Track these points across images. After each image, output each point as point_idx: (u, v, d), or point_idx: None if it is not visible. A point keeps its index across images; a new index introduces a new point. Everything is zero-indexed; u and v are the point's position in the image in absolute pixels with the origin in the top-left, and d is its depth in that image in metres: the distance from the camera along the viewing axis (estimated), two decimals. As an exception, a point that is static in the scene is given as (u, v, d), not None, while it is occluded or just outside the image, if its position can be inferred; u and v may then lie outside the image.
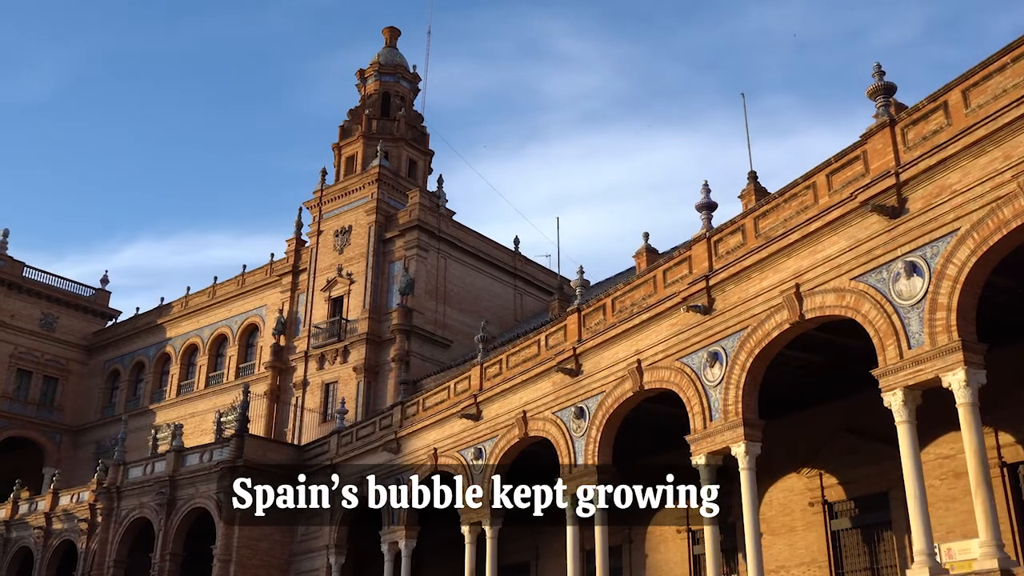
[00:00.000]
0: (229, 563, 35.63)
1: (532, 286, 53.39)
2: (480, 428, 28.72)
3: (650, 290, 22.93)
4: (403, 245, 47.67)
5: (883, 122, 17.30)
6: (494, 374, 28.62)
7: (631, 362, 22.97)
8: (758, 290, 19.66)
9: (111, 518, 40.92)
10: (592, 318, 24.88)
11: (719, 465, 20.64)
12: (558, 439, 25.31)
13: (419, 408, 32.20)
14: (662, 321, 22.21)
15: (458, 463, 29.41)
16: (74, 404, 63.00)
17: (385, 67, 54.57)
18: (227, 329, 55.90)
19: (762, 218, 19.99)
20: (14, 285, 61.54)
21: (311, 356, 48.25)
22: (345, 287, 48.39)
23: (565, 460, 24.84)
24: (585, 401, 24.57)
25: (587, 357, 24.62)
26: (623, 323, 23.24)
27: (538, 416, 26.29)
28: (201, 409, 54.84)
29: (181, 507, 38.39)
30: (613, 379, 23.62)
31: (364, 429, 35.33)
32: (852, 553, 24.04)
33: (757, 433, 19.63)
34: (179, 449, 39.84)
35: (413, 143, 53.12)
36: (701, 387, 20.80)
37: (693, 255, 21.73)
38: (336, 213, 50.70)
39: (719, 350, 20.52)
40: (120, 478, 41.29)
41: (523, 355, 27.52)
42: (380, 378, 45.78)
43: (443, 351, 46.90)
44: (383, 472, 33.41)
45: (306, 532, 36.97)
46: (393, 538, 32.00)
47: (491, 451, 27.98)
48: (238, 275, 56.70)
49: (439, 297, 47.82)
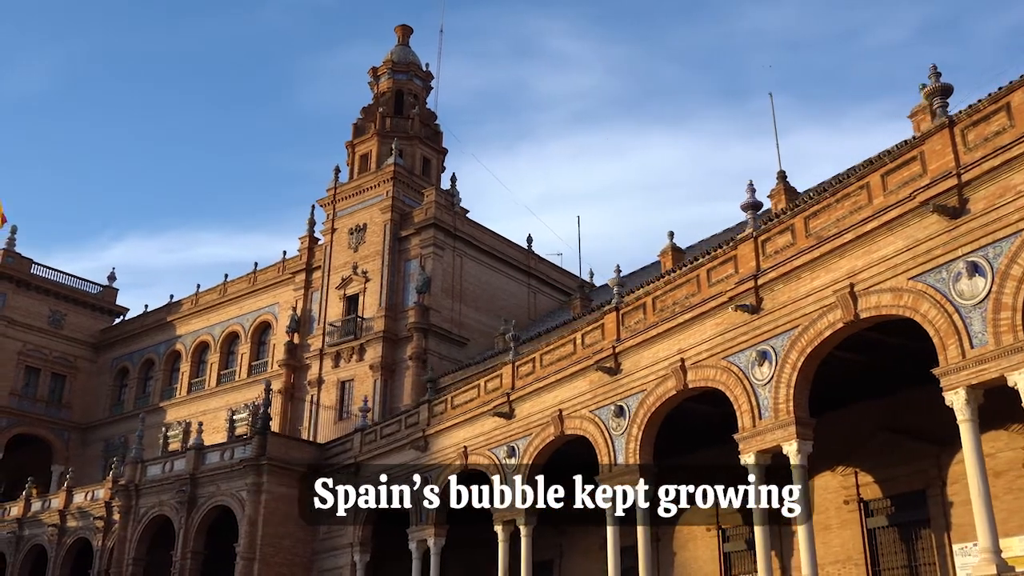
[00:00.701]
0: (253, 561, 35.60)
1: (546, 284, 53.45)
2: (513, 426, 28.75)
3: (693, 289, 23.01)
4: (419, 243, 47.66)
5: (942, 123, 17.40)
6: (527, 372, 28.65)
7: (674, 361, 23.04)
8: (809, 289, 19.75)
9: (129, 516, 40.78)
10: (631, 317, 24.94)
11: (767, 464, 20.70)
12: (596, 438, 25.37)
13: (447, 406, 32.20)
14: (706, 320, 22.29)
15: (490, 461, 29.44)
16: (82, 402, 62.79)
17: (398, 65, 54.53)
18: (239, 327, 55.80)
19: (813, 218, 20.09)
20: (22, 282, 61.29)
21: (326, 354, 48.20)
22: (360, 285, 48.35)
23: (604, 459, 24.90)
24: (625, 400, 24.64)
25: (627, 356, 24.69)
26: (665, 322, 23.31)
27: (574, 415, 26.35)
28: (213, 407, 54.72)
29: (202, 505, 38.31)
30: (654, 378, 23.70)
31: (389, 427, 35.32)
32: (889, 551, 24.12)
33: (808, 431, 19.74)
34: (199, 447, 39.74)
35: (427, 141, 53.11)
36: (749, 386, 20.89)
37: (739, 255, 21.81)
38: (351, 211, 50.64)
39: (768, 349, 20.61)
40: (138, 476, 41.15)
41: (557, 353, 27.56)
42: (397, 376, 45.78)
43: (459, 349, 46.92)
44: (409, 470, 33.29)
45: (328, 530, 36.93)
46: (421, 536, 31.99)
47: (525, 449, 28.03)
48: (249, 273, 56.60)
49: (455, 295, 47.84)
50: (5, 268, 60.58)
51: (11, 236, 62.21)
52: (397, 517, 35.79)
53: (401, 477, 33.68)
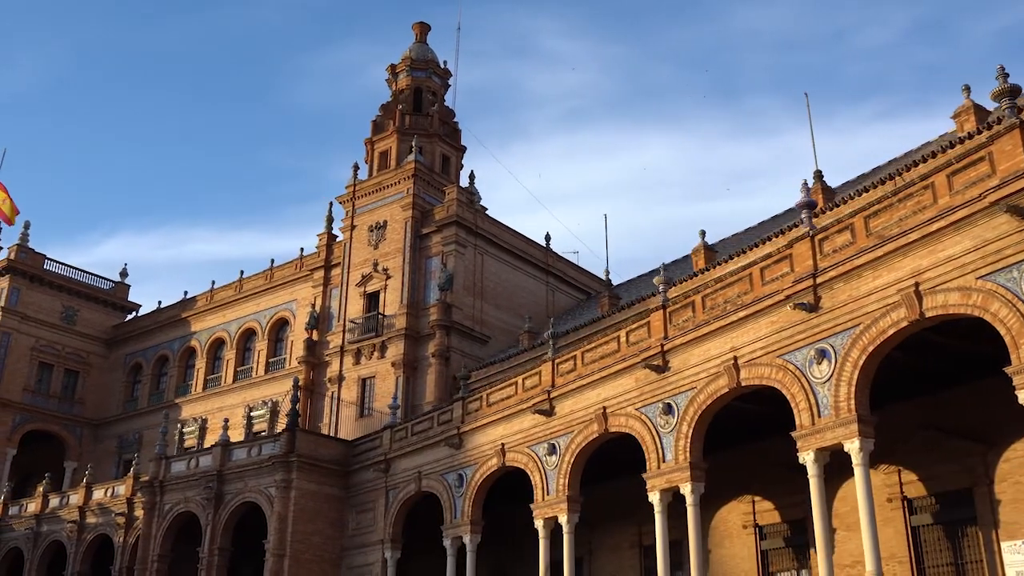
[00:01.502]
0: (283, 557, 35.58)
1: (563, 282, 53.56)
2: (553, 424, 28.82)
3: (745, 287, 23.12)
4: (441, 241, 47.67)
5: (1011, 124, 17.53)
6: (568, 370, 28.72)
7: (726, 359, 23.15)
8: (871, 288, 19.87)
9: (154, 512, 40.72)
10: (679, 315, 25.04)
11: (827, 462, 20.83)
12: (643, 435, 25.45)
13: (482, 403, 32.24)
14: (761, 318, 22.40)
15: (529, 458, 29.51)
16: (95, 398, 62.66)
17: (417, 62, 54.54)
18: (255, 323, 55.74)
19: (873, 217, 20.20)
20: (36, 277, 61.18)
21: (347, 351, 48.21)
22: (381, 282, 48.37)
23: (652, 456, 25.01)
24: (673, 397, 24.74)
25: (675, 354, 24.78)
26: (717, 320, 23.41)
27: (619, 412, 26.43)
28: (230, 403, 54.65)
29: (229, 502, 38.27)
30: (705, 376, 23.80)
31: (420, 424, 35.34)
32: (933, 549, 24.24)
33: (870, 429, 19.86)
34: (225, 443, 39.70)
35: (446, 139, 53.14)
36: (807, 384, 21.00)
37: (795, 253, 21.91)
38: (370, 208, 50.64)
39: (827, 347, 20.73)
40: (162, 472, 41.10)
41: (600, 351, 27.65)
42: (419, 373, 45.81)
43: (481, 347, 46.98)
44: (443, 468, 33.49)
45: (357, 527, 36.98)
46: (457, 533, 32.04)
47: (567, 446, 28.10)
48: (266, 269, 56.57)
49: (476, 293, 47.89)
50: (19, 263, 60.46)
51: (24, 231, 62.10)
52: (427, 514, 35.97)
53: (434, 474, 34.04)
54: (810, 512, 27.12)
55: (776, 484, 28.07)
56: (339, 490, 37.87)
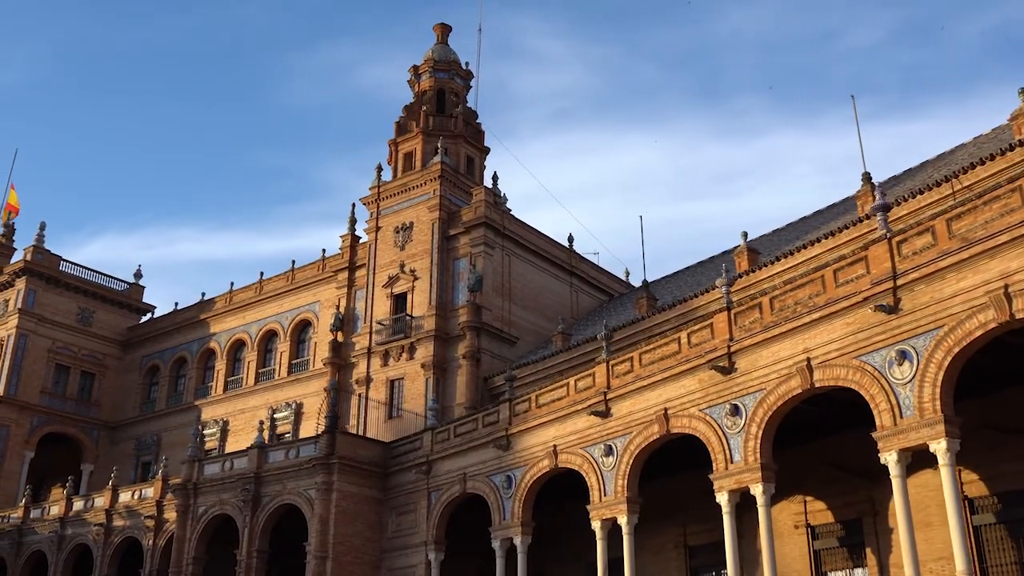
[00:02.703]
0: (326, 559, 35.53)
1: (587, 283, 53.64)
2: (610, 425, 28.89)
3: (817, 289, 23.25)
4: (469, 242, 47.66)
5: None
6: (624, 371, 28.79)
7: (798, 360, 23.28)
8: (955, 290, 20.03)
9: (187, 515, 40.53)
10: (746, 316, 25.15)
11: (908, 462, 20.98)
12: (709, 436, 25.57)
13: (531, 405, 32.26)
14: (835, 320, 22.53)
15: (584, 460, 29.56)
16: (111, 400, 62.36)
17: (440, 63, 54.53)
18: (277, 325, 55.59)
19: (956, 220, 20.37)
20: (52, 279, 60.87)
21: (374, 352, 48.12)
22: (408, 283, 48.31)
23: (720, 458, 25.13)
24: (741, 399, 24.86)
25: (742, 355, 24.91)
26: (789, 321, 23.54)
27: (682, 413, 26.54)
28: (252, 405, 54.49)
29: (267, 504, 38.15)
30: (775, 377, 23.93)
31: (464, 426, 35.34)
32: (996, 548, 24.44)
33: (956, 429, 20.03)
34: (261, 445, 39.58)
35: (470, 140, 53.14)
36: (887, 385, 21.15)
37: (871, 256, 22.06)
38: (396, 209, 50.59)
39: (908, 349, 20.89)
40: (195, 474, 40.92)
41: (659, 352, 27.73)
42: (448, 375, 45.77)
43: (510, 348, 46.99)
44: (490, 469, 33.50)
45: (397, 528, 36.94)
46: (507, 534, 32.07)
47: (624, 447, 28.17)
48: (287, 271, 56.43)
49: (504, 294, 47.91)
50: (35, 265, 60.14)
51: (40, 232, 61.78)
52: (464, 515, 35.99)
53: (480, 476, 34.04)
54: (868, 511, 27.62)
55: (829, 485, 28.27)
56: (378, 492, 37.83)
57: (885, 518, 27.25)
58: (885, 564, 26.98)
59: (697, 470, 30.43)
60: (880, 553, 27.18)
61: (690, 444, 28.16)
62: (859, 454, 27.40)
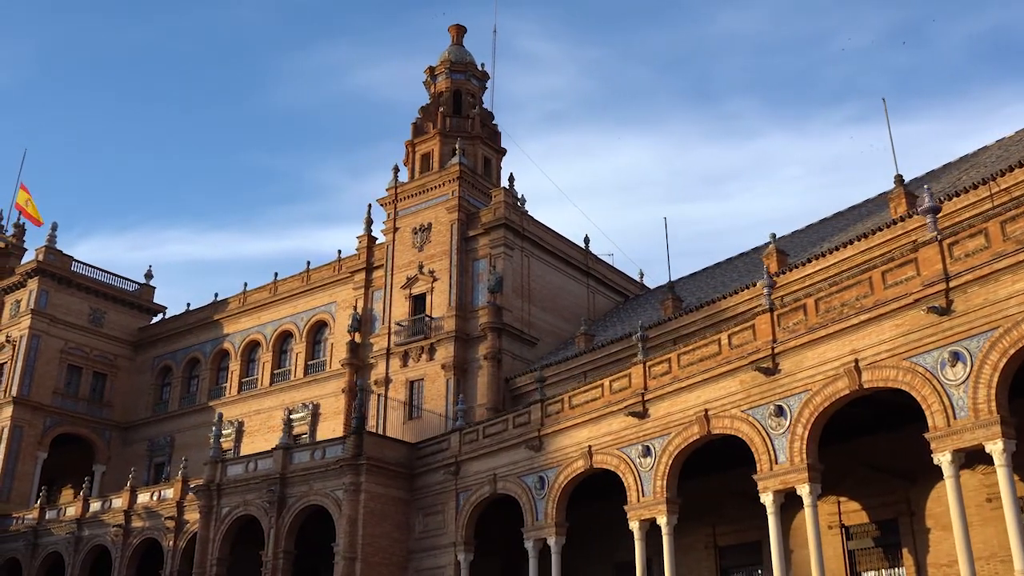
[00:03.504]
0: (355, 560, 35.52)
1: (603, 285, 53.76)
2: (647, 426, 28.97)
3: (865, 291, 23.37)
4: (488, 243, 47.73)
5: None
6: (662, 372, 28.88)
7: (845, 361, 23.41)
8: (1010, 292, 20.18)
9: (211, 516, 40.46)
10: (789, 318, 25.26)
11: (962, 463, 21.13)
12: (752, 437, 25.68)
13: (564, 406, 32.32)
14: (884, 321, 22.66)
15: (620, 460, 29.64)
16: (122, 400, 62.23)
17: (456, 65, 54.62)
18: (292, 326, 55.54)
19: (1010, 223, 20.52)
20: (64, 279, 60.71)
21: (393, 353, 48.13)
22: (427, 284, 48.35)
23: (764, 458, 25.24)
24: (785, 400, 24.98)
25: (786, 356, 25.03)
26: (836, 323, 23.66)
27: (723, 414, 26.65)
28: (267, 406, 54.44)
29: (292, 505, 38.10)
30: (821, 378, 24.05)
31: (493, 427, 35.38)
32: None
33: (1012, 430, 20.17)
34: (286, 446, 39.55)
35: (487, 141, 53.22)
36: (940, 386, 21.29)
37: (921, 258, 22.19)
38: (414, 210, 50.62)
39: (961, 350, 21.03)
40: (218, 475, 40.87)
41: (699, 354, 27.82)
42: (469, 375, 45.83)
43: (529, 349, 47.09)
44: (521, 470, 33.55)
45: (424, 529, 36.96)
46: (540, 535, 32.13)
47: (663, 448, 28.26)
48: (302, 272, 56.39)
49: (524, 295, 48.00)
50: (47, 266, 59.96)
51: (51, 233, 61.60)
52: (491, 515, 36.06)
53: (511, 476, 34.10)
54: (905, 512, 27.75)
55: (863, 485, 28.43)
56: (404, 492, 37.84)
57: (922, 518, 27.44)
58: (922, 564, 27.14)
59: (727, 471, 30.67)
60: (917, 553, 27.35)
61: (720, 445, 28.34)
62: (895, 454, 27.71)
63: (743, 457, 28.87)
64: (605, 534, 34.46)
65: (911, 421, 26.65)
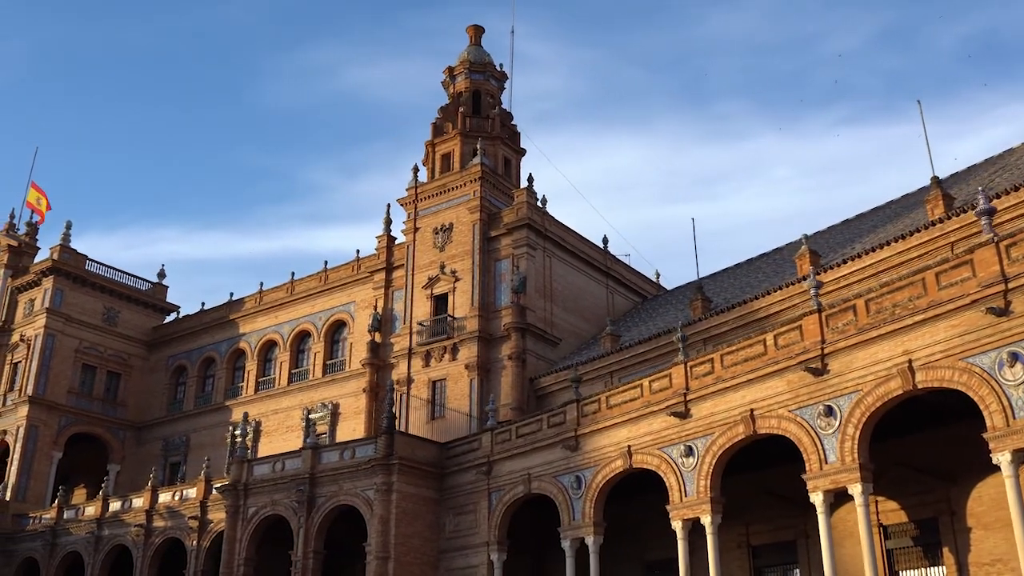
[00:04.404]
0: (387, 560, 35.54)
1: (621, 285, 53.87)
2: (689, 426, 29.10)
3: (918, 292, 23.53)
4: (511, 243, 47.79)
5: None
6: (704, 372, 29.00)
7: (898, 362, 23.56)
8: (1071, 293, 20.37)
9: (238, 516, 40.42)
10: (838, 319, 25.40)
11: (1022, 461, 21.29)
12: (800, 437, 25.82)
13: (601, 406, 32.41)
14: (939, 322, 22.82)
15: (661, 460, 29.75)
16: (136, 400, 62.08)
17: (475, 65, 54.67)
18: (310, 325, 55.50)
19: (1071, 224, 20.70)
20: (78, 278, 60.53)
21: (415, 353, 48.15)
22: (449, 284, 48.38)
23: (813, 458, 25.38)
24: (834, 400, 25.12)
25: (835, 357, 25.18)
26: (887, 324, 23.82)
27: (769, 414, 26.80)
28: (285, 406, 54.39)
29: (322, 505, 38.10)
30: (873, 378, 24.20)
31: (527, 427, 35.45)
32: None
33: (1075, 431, 20.34)
34: (314, 446, 39.55)
35: (507, 142, 53.30)
36: (998, 386, 21.45)
37: (976, 259, 22.36)
38: (434, 210, 50.65)
39: (1020, 351, 21.20)
40: (245, 475, 40.83)
41: (743, 354, 27.94)
42: (492, 375, 45.87)
43: (552, 349, 47.17)
44: (557, 470, 33.62)
45: (455, 529, 37.00)
46: (577, 534, 32.22)
47: (707, 448, 28.39)
48: (319, 271, 56.35)
49: (546, 295, 48.09)
50: (62, 264, 59.78)
51: (66, 232, 61.40)
52: (520, 515, 36.14)
53: (546, 476, 34.17)
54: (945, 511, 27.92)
55: (900, 485, 28.59)
56: (434, 492, 37.88)
57: (963, 517, 27.61)
58: (964, 563, 27.31)
59: (759, 470, 30.86)
60: (958, 552, 27.51)
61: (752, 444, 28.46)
62: (934, 454, 27.91)
63: (777, 456, 29.21)
64: (634, 533, 34.58)
65: (951, 422, 27.02)
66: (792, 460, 29.58)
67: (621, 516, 33.43)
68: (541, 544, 38.41)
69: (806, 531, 31.92)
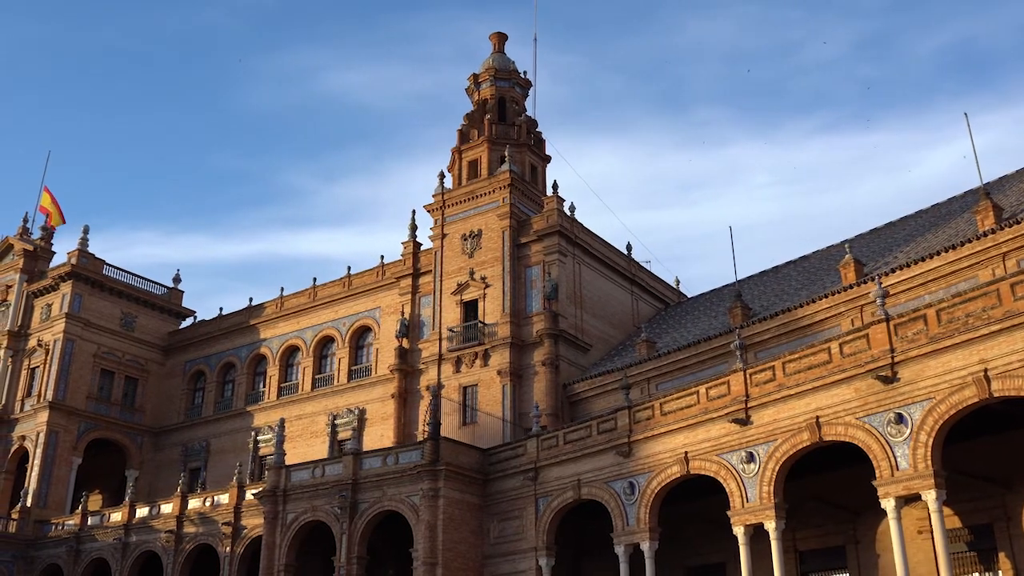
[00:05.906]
0: (435, 566, 35.71)
1: (645, 292, 54.28)
2: (750, 432, 29.45)
3: (992, 302, 24.01)
4: (542, 250, 48.06)
5: None
6: (765, 380, 29.37)
7: (973, 371, 24.02)
8: None
9: (276, 522, 40.45)
10: (908, 328, 25.83)
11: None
12: (869, 444, 26.21)
13: (655, 412, 32.73)
14: (1016, 332, 23.31)
15: (720, 466, 30.10)
16: (154, 406, 61.88)
17: (500, 72, 54.96)
18: (334, 331, 55.53)
19: None
20: (96, 283, 60.29)
21: (445, 359, 48.32)
22: (479, 291, 48.60)
23: (884, 465, 25.78)
24: (905, 407, 25.54)
25: (906, 365, 25.60)
26: (962, 333, 24.28)
27: (836, 421, 27.19)
28: (309, 411, 54.37)
29: (365, 510, 38.19)
30: (946, 386, 24.65)
31: (575, 433, 35.73)
32: None
33: None
34: (356, 452, 39.66)
35: (533, 148, 53.62)
36: (1079, 395, 21.95)
37: (1054, 270, 22.88)
38: (462, 217, 50.85)
39: (1101, 360, 21.71)
40: (283, 481, 40.86)
41: (807, 362, 28.33)
42: (524, 381, 46.12)
43: (583, 355, 47.48)
44: (608, 475, 33.90)
45: (500, 535, 37.19)
46: (631, 540, 32.49)
47: (769, 455, 28.75)
48: (343, 276, 56.39)
49: (576, 302, 48.40)
50: (81, 269, 59.52)
51: (83, 236, 61.17)
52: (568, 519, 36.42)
53: (597, 482, 34.45)
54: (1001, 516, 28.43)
55: (953, 491, 29.05)
56: (478, 498, 38.08)
57: (1019, 523, 28.16)
58: (1021, 569, 27.83)
59: (804, 477, 31.25)
60: (1015, 558, 28.04)
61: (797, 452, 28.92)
62: (989, 461, 28.43)
63: (823, 463, 29.70)
64: (677, 538, 34.88)
65: (1007, 429, 27.59)
66: (840, 466, 30.20)
67: (662, 521, 33.71)
68: (579, 549, 38.73)
69: (856, 536, 32.40)
